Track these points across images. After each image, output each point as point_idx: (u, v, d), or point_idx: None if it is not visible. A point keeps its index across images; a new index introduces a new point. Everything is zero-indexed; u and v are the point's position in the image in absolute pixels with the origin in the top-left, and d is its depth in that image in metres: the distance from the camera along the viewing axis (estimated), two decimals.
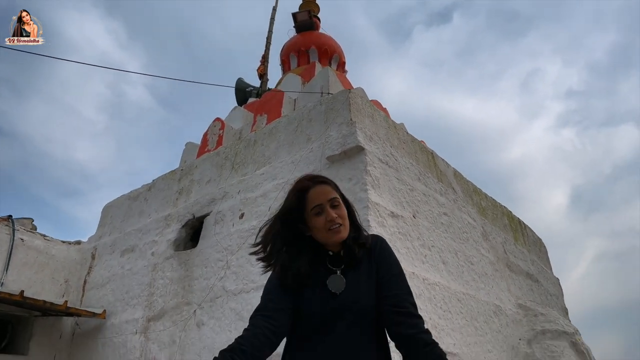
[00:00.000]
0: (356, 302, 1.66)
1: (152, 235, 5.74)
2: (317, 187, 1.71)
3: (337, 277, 1.69)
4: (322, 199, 1.68)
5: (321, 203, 1.67)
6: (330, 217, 1.65)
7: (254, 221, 4.75)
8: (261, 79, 8.86)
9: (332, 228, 1.66)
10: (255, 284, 4.43)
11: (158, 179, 6.48)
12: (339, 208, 1.69)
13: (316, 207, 1.67)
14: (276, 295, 1.73)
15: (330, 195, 1.69)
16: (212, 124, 7.35)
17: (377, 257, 1.75)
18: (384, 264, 1.74)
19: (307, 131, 4.98)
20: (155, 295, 5.23)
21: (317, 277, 1.73)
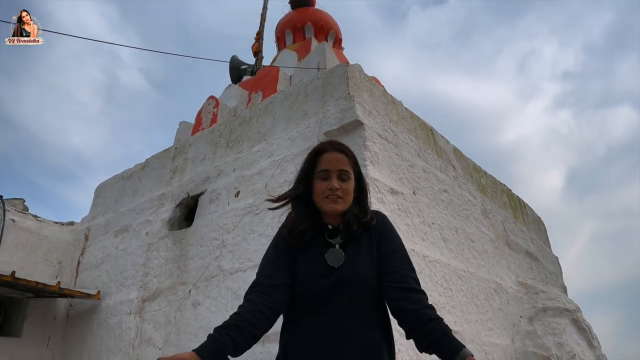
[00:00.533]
0: (356, 276, 1.59)
1: (146, 214, 5.62)
2: (332, 153, 1.67)
3: (336, 250, 1.63)
4: (332, 165, 1.64)
5: (329, 169, 1.63)
6: (332, 185, 1.61)
7: (249, 199, 4.64)
8: (256, 57, 8.67)
9: (329, 196, 1.62)
10: (252, 262, 4.33)
11: (151, 158, 6.35)
12: (345, 182, 1.64)
13: (323, 172, 1.63)
14: (272, 271, 1.65)
15: (341, 166, 1.65)
16: (205, 103, 7.19)
17: (378, 233, 1.69)
18: (384, 240, 1.68)
19: (304, 107, 4.85)
20: (150, 276, 5.13)
21: (314, 250, 1.65)
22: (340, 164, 1.65)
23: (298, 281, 1.64)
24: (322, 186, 1.63)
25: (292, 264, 1.67)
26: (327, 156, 1.66)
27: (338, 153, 1.67)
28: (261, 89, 6.45)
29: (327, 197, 1.62)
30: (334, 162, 1.65)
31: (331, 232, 1.68)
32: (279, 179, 4.50)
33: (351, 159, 1.70)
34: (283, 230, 1.74)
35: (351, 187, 1.66)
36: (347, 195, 1.64)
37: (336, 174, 1.63)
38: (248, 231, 4.51)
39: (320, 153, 1.68)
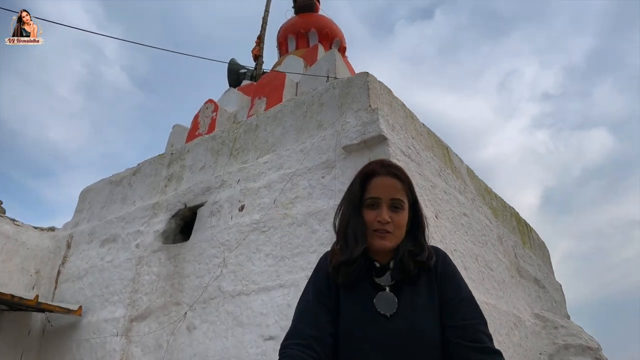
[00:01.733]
0: (416, 330, 1.27)
1: (137, 224, 5.18)
2: (384, 178, 1.38)
3: (387, 294, 1.32)
4: (384, 193, 1.36)
5: (379, 197, 1.36)
6: (382, 217, 1.33)
7: (256, 214, 4.25)
8: (256, 61, 8.30)
9: (378, 230, 1.33)
10: (257, 285, 3.94)
11: (144, 163, 5.90)
12: (398, 213, 1.36)
13: (372, 199, 1.36)
14: (313, 318, 1.32)
15: (394, 194, 1.36)
16: (203, 106, 6.80)
17: (440, 275, 1.37)
18: (449, 285, 1.37)
19: (318, 117, 4.48)
20: (140, 293, 4.68)
21: (361, 292, 1.33)
22: (393, 191, 1.36)
23: (340, 329, 1.32)
24: (370, 217, 1.35)
25: (335, 308, 1.35)
26: (377, 181, 1.38)
27: (391, 178, 1.38)
28: (265, 95, 6.07)
29: (374, 229, 1.33)
30: (386, 189, 1.36)
31: (379, 271, 1.36)
32: (290, 195, 4.12)
33: (406, 184, 1.40)
34: (324, 265, 1.42)
35: (404, 219, 1.37)
36: (398, 228, 1.35)
37: (387, 203, 1.35)
38: (253, 250, 4.11)
39: (369, 177, 1.39)
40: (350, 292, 1.35)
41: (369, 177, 1.39)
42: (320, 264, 1.46)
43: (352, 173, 3.83)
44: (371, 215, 1.35)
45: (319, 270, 1.44)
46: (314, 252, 3.75)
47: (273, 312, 3.75)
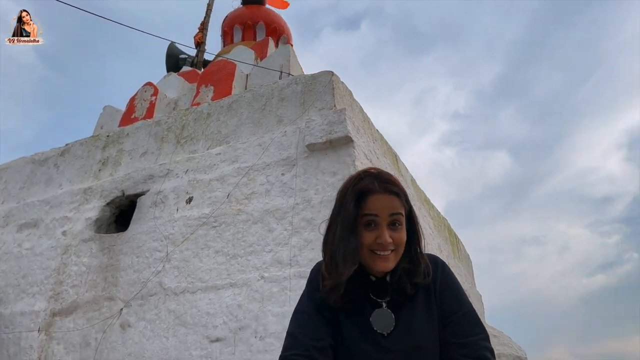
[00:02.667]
0: (415, 347, 1.21)
1: (65, 210, 4.72)
2: (382, 196, 1.24)
3: (384, 311, 1.25)
4: (383, 211, 1.23)
5: (378, 215, 1.23)
6: (383, 238, 1.22)
7: (206, 208, 4.01)
8: (197, 47, 7.94)
9: (379, 253, 1.23)
10: (204, 283, 3.71)
11: (74, 143, 5.41)
12: (398, 230, 1.24)
13: (370, 217, 1.23)
14: (312, 328, 1.24)
15: (394, 211, 1.24)
16: (141, 89, 6.38)
17: (440, 289, 1.30)
18: (450, 300, 1.29)
19: (278, 111, 4.32)
20: (65, 285, 4.26)
21: (357, 309, 1.28)
22: (392, 208, 1.24)
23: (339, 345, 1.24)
24: (368, 238, 1.23)
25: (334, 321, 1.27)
26: (375, 199, 1.23)
27: (389, 195, 1.24)
28: (213, 83, 5.80)
29: (375, 251, 1.23)
30: (385, 208, 1.23)
31: (375, 286, 1.29)
32: (245, 190, 3.93)
33: (404, 199, 1.28)
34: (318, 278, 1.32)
35: (404, 234, 1.26)
36: (399, 246, 1.25)
37: (387, 220, 1.23)
38: (201, 246, 3.87)
39: (366, 194, 1.24)
40: (350, 308, 1.27)
41: (365, 194, 1.25)
42: (314, 276, 1.35)
43: (315, 172, 3.74)
44: (369, 236, 1.23)
45: (312, 282, 1.34)
46: (270, 251, 3.59)
47: (221, 313, 3.54)
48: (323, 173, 3.70)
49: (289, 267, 3.47)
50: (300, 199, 3.68)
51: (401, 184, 1.30)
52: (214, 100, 5.51)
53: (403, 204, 1.26)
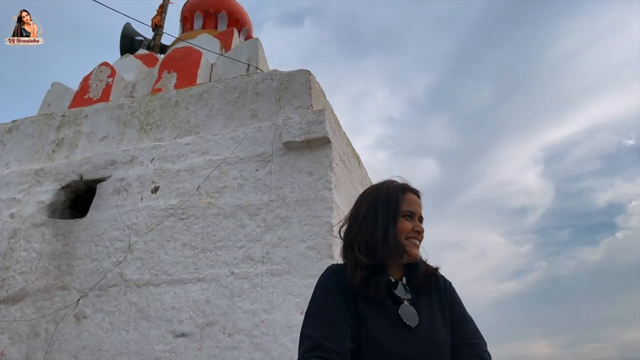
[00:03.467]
0: (437, 342, 1.34)
1: (13, 191, 4.42)
2: (415, 196, 1.50)
3: (408, 307, 1.35)
4: (417, 208, 1.48)
5: (414, 211, 1.46)
6: (420, 227, 1.45)
7: (173, 199, 3.90)
8: (155, 31, 7.67)
9: (414, 239, 1.43)
10: (170, 276, 3.62)
11: (24, 120, 5.07)
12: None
13: (409, 212, 1.45)
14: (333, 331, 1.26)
15: (421, 212, 1.50)
16: (97, 69, 6.08)
17: (450, 296, 1.48)
18: (457, 306, 1.48)
19: (252, 106, 4.27)
20: (12, 271, 3.99)
21: (382, 305, 1.33)
22: (420, 208, 1.50)
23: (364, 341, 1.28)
24: (407, 226, 1.42)
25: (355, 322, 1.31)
26: (412, 197, 1.49)
27: (418, 198, 1.52)
28: (176, 70, 5.62)
29: (411, 238, 1.42)
30: (418, 206, 1.49)
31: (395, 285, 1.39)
32: (217, 183, 3.86)
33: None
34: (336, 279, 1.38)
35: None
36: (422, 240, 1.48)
37: (418, 216, 1.47)
38: (167, 238, 3.76)
39: (406, 191, 1.49)
40: (374, 304, 1.32)
41: (405, 191, 1.48)
42: (328, 278, 1.40)
43: (291, 170, 3.74)
44: (408, 225, 1.42)
45: (331, 283, 1.37)
46: (242, 247, 3.55)
47: (188, 307, 3.47)
48: (299, 172, 3.70)
49: (261, 264, 3.45)
50: (275, 196, 3.66)
51: None
52: (177, 87, 5.35)
53: None
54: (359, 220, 1.46)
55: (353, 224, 1.48)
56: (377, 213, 1.43)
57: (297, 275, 3.31)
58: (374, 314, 1.30)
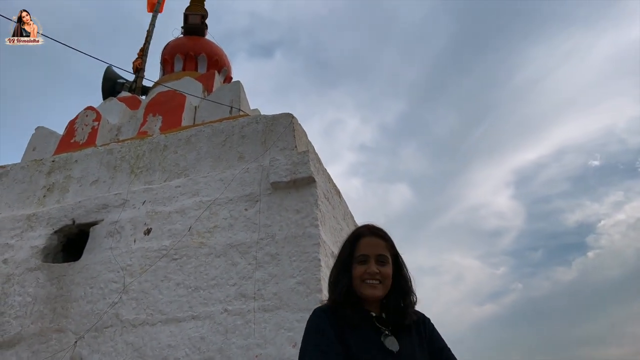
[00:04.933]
0: None
1: (5, 237, 4.52)
2: (370, 238, 1.66)
3: (390, 336, 1.56)
4: (370, 250, 1.62)
5: (367, 254, 1.62)
6: (370, 269, 1.59)
7: (166, 240, 4.07)
8: (137, 74, 7.89)
9: (368, 281, 1.59)
10: (165, 315, 3.76)
11: (13, 166, 5.19)
12: (384, 266, 1.62)
13: (362, 256, 1.62)
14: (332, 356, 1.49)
15: (379, 251, 1.63)
16: (82, 113, 6.25)
17: (430, 331, 1.70)
18: (437, 338, 1.70)
19: (239, 148, 4.50)
20: (7, 316, 4.08)
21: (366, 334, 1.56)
22: (378, 248, 1.63)
23: None
24: (359, 270, 1.59)
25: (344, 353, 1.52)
26: (365, 240, 1.64)
27: (376, 238, 1.66)
28: (161, 113, 5.83)
29: (365, 280, 1.59)
30: (372, 247, 1.63)
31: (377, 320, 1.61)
32: (208, 223, 4.05)
33: (389, 243, 1.68)
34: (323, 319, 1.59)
35: (390, 271, 1.63)
36: (385, 279, 1.61)
37: (375, 258, 1.60)
38: (161, 278, 3.91)
39: (358, 238, 1.66)
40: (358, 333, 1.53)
41: (358, 238, 1.65)
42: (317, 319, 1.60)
43: (279, 209, 3.96)
44: (360, 269, 1.59)
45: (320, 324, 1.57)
46: (234, 284, 3.72)
47: (184, 345, 3.61)
48: (287, 210, 3.92)
49: (253, 300, 3.63)
50: (264, 234, 3.86)
51: (388, 235, 1.70)
52: (163, 130, 5.56)
53: (389, 249, 1.64)
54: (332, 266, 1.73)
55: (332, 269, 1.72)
56: (337, 263, 1.68)
57: (289, 310, 3.49)
58: (361, 341, 1.51)
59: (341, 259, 1.67)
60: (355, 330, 1.53)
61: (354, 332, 1.53)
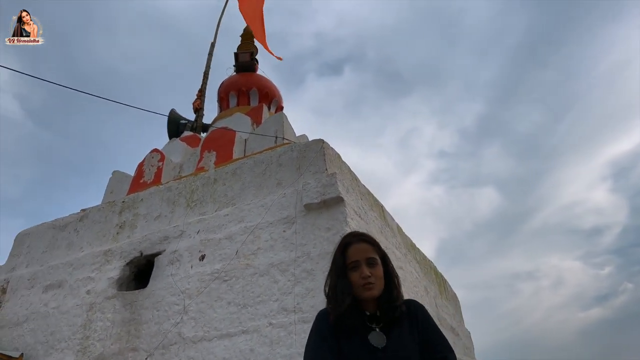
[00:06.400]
0: (402, 357, 1.72)
1: (87, 271, 5.24)
2: (357, 244, 1.83)
3: (377, 333, 1.76)
4: (360, 256, 1.80)
5: (358, 259, 1.79)
6: (364, 274, 1.76)
7: (217, 264, 4.56)
8: (197, 113, 8.64)
9: (364, 285, 1.76)
10: (219, 331, 4.22)
11: (91, 209, 5.98)
12: (374, 267, 1.79)
13: (353, 263, 1.79)
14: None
15: (368, 254, 1.81)
16: (149, 155, 7.01)
17: (422, 321, 1.84)
18: (430, 328, 1.85)
19: (277, 176, 4.95)
20: (92, 339, 4.73)
21: (357, 335, 1.77)
22: (366, 252, 1.81)
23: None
24: (355, 276, 1.77)
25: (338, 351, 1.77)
26: (353, 248, 1.82)
27: (362, 243, 1.84)
28: (215, 149, 6.44)
29: (361, 285, 1.76)
30: (361, 252, 1.80)
31: (370, 318, 1.81)
32: (252, 246, 4.50)
33: (375, 246, 1.87)
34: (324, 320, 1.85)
35: (380, 271, 1.81)
36: (378, 279, 1.79)
37: (365, 262, 1.78)
38: (215, 298, 4.40)
39: (347, 247, 1.84)
40: (350, 335, 1.77)
41: (346, 247, 1.84)
42: (319, 320, 1.86)
43: (312, 228, 4.34)
44: (355, 275, 1.77)
45: (321, 322, 1.85)
46: (276, 300, 4.13)
47: (236, 357, 4.04)
48: (319, 229, 4.29)
49: (293, 313, 4.01)
50: (300, 253, 4.25)
51: (373, 238, 1.90)
52: (216, 164, 6.15)
53: (376, 251, 1.83)
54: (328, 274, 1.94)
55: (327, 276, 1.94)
56: (331, 273, 1.87)
57: None
58: (351, 341, 1.75)
59: (335, 268, 1.85)
60: (349, 332, 1.77)
61: (348, 334, 1.77)
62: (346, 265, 1.80)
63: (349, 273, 1.79)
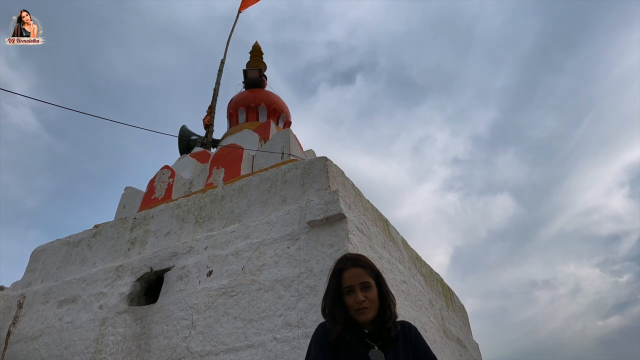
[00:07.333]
0: None
1: (100, 286, 5.41)
2: (351, 270, 1.92)
3: (376, 350, 1.86)
4: (354, 281, 1.89)
5: (352, 284, 1.88)
6: (358, 299, 1.85)
7: (224, 280, 4.70)
8: (207, 129, 8.85)
9: (359, 309, 1.86)
10: (226, 346, 4.35)
11: (104, 225, 6.17)
12: (368, 291, 1.89)
13: (348, 287, 1.88)
14: None
15: (362, 279, 1.90)
16: (160, 172, 7.20)
17: (415, 342, 1.96)
18: (422, 349, 1.96)
19: (282, 192, 5.09)
20: (104, 353, 4.89)
21: (356, 350, 1.87)
22: (360, 277, 1.90)
23: None
24: (350, 301, 1.87)
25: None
26: (347, 273, 1.91)
27: (356, 268, 1.93)
28: (224, 165, 6.61)
29: (356, 309, 1.86)
30: (355, 277, 1.89)
31: (369, 335, 1.92)
32: (257, 262, 4.64)
33: (369, 269, 1.96)
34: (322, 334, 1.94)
35: (375, 294, 1.90)
36: (372, 302, 1.88)
37: (359, 286, 1.87)
38: (222, 313, 4.53)
39: (341, 272, 1.94)
40: (350, 349, 1.88)
41: (340, 272, 1.93)
42: (318, 333, 1.97)
43: (315, 244, 4.47)
44: (351, 299, 1.87)
45: (319, 336, 1.96)
46: (280, 315, 4.25)
47: None
48: (322, 245, 4.41)
49: (297, 328, 4.13)
50: (304, 269, 4.38)
51: (367, 260, 2.02)
52: (225, 180, 6.32)
53: (369, 273, 1.92)
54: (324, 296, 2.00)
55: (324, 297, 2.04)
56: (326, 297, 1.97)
57: None
58: (350, 356, 1.86)
59: (330, 292, 1.94)
60: (348, 349, 1.87)
61: (348, 348, 1.87)
62: (341, 291, 1.89)
63: (344, 297, 1.88)
